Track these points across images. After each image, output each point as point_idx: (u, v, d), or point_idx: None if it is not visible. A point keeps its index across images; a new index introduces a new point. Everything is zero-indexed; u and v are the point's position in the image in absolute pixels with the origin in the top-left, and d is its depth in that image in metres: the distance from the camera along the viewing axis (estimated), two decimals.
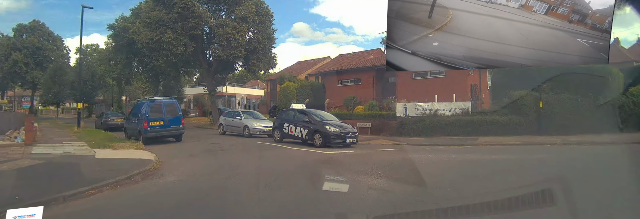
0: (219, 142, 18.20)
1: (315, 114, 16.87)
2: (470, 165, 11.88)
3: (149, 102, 18.61)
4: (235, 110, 24.60)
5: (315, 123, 16.14)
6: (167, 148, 16.54)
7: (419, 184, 8.27)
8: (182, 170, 11.08)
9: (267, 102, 49.24)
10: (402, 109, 23.11)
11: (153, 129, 18.27)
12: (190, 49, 28.98)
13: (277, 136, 17.92)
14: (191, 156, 13.88)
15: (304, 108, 18.72)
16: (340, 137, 15.52)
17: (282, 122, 17.69)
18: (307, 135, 16.20)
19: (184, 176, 10.22)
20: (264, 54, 31.46)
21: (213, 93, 33.26)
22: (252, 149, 15.39)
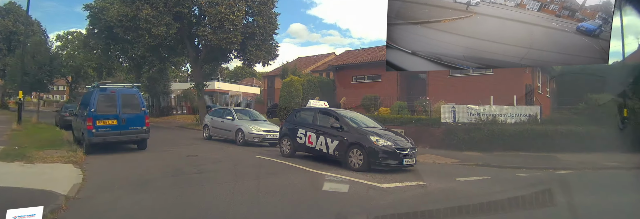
0: (199, 155, 11.80)
1: (350, 118, 10.52)
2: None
3: (97, 91, 12.16)
4: (226, 107, 18.18)
5: (352, 131, 9.87)
6: (115, 164, 10.34)
7: None
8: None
9: (263, 100, 42.95)
10: (449, 114, 16.91)
11: (101, 132, 11.90)
12: (173, 30, 22.52)
13: (287, 147, 11.57)
14: (141, 187, 7.59)
15: (327, 107, 12.39)
16: (395, 156, 9.28)
17: (294, 128, 11.35)
18: (337, 150, 9.93)
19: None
20: (263, 41, 25.11)
21: (201, 87, 26.78)
22: (248, 173, 9.00)
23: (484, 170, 11.21)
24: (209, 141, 16.41)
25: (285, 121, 12.24)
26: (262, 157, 11.41)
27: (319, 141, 10.43)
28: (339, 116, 10.43)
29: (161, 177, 8.34)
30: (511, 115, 16.70)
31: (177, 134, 20.44)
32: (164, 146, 14.26)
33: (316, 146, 10.50)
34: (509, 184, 9.10)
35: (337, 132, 10.05)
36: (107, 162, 10.67)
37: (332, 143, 10.05)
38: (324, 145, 10.25)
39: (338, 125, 10.09)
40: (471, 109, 16.89)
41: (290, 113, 12.59)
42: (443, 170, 10.70)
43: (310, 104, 12.18)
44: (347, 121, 10.20)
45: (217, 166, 9.81)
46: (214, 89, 48.74)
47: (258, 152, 12.83)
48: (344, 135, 9.87)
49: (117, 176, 8.68)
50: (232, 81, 59.60)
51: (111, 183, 7.73)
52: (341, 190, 7.61)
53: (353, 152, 9.54)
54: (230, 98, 51.30)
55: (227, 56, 27.66)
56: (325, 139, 10.23)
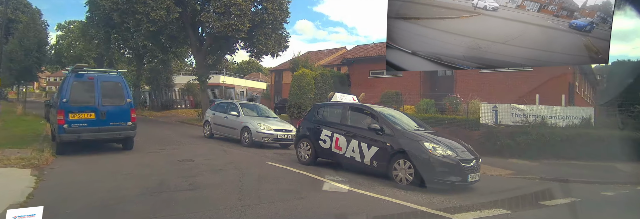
0: (196, 160, 9.26)
1: (389, 117, 7.92)
2: None
3: (72, 77, 9.66)
4: (231, 101, 15.61)
5: (397, 135, 7.30)
6: (86, 170, 8.00)
7: None
8: None
9: (270, 96, 40.41)
10: (490, 114, 14.33)
11: (74, 128, 9.45)
12: (174, 15, 19.97)
13: (306, 153, 9.02)
14: (101, 215, 4.99)
15: (359, 103, 9.88)
16: (458, 171, 6.74)
17: (317, 128, 8.79)
18: (375, 159, 7.39)
19: None
20: (273, 29, 22.53)
21: (203, 79, 24.26)
22: (259, 192, 6.38)
23: (556, 186, 8.67)
24: (210, 140, 13.88)
25: (304, 119, 9.67)
26: (274, 165, 8.85)
27: (350, 146, 7.87)
28: (378, 115, 7.85)
29: (138, 196, 5.81)
30: (562, 117, 14.12)
31: (175, 130, 17.95)
32: (156, 146, 11.78)
33: (346, 153, 7.95)
34: (611, 208, 6.59)
35: (375, 135, 7.48)
36: (77, 167, 8.21)
37: (369, 150, 7.49)
38: (357, 152, 7.69)
39: (377, 126, 7.50)
40: (516, 109, 14.29)
41: (310, 109, 9.97)
42: (508, 187, 8.14)
43: (336, 99, 9.57)
44: (390, 122, 7.63)
45: (216, 177, 7.27)
46: (218, 83, 46.35)
47: (269, 156, 10.29)
48: (386, 140, 7.31)
49: (78, 191, 6.20)
50: (237, 75, 57.01)
51: (63, 205, 5.24)
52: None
53: (399, 164, 6.98)
54: (236, 93, 48.83)
55: (232, 46, 25.07)
56: (359, 145, 7.67)
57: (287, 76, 39.66)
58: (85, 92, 9.75)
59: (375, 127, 7.49)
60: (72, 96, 9.55)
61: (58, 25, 52.82)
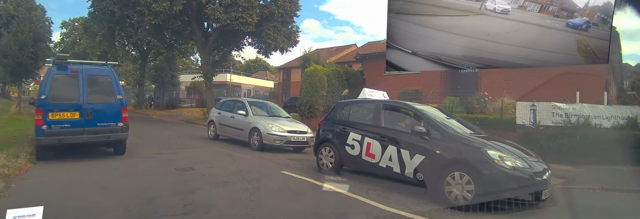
0: (196, 169, 7.70)
1: (432, 118, 6.28)
2: None
3: (54, 70, 8.18)
4: (238, 99, 14.06)
5: (449, 140, 5.73)
6: (65, 181, 6.56)
7: None
8: None
9: (278, 94, 38.92)
10: (527, 113, 12.71)
11: (55, 129, 8.00)
12: (177, 7, 18.43)
13: (328, 160, 7.46)
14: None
15: (396, 100, 8.36)
16: (530, 186, 5.17)
17: (342, 130, 7.22)
18: (420, 170, 5.83)
19: None
20: (283, 23, 20.98)
21: (209, 75, 22.75)
22: (276, 215, 4.79)
23: (623, 198, 7.14)
24: (215, 143, 12.37)
25: (326, 119, 8.07)
26: (291, 175, 7.29)
27: (386, 153, 6.30)
28: (423, 114, 6.25)
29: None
30: (607, 117, 12.47)
31: (178, 130, 16.47)
32: (154, 149, 10.28)
33: (380, 162, 6.38)
34: None
35: (420, 140, 5.90)
36: (53, 177, 6.71)
37: (412, 159, 5.91)
38: (396, 161, 6.12)
39: (423, 129, 5.90)
40: (557, 107, 12.64)
41: (333, 108, 8.31)
42: (583, 202, 6.53)
43: (365, 95, 7.91)
44: (438, 123, 6.05)
45: (220, 193, 5.72)
46: (225, 81, 44.91)
47: (282, 163, 8.75)
48: (436, 146, 5.72)
49: (47, 211, 4.66)
50: (244, 73, 55.51)
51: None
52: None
53: (454, 178, 5.41)
54: (243, 91, 47.40)
55: (239, 41, 23.56)
56: (399, 152, 6.09)
57: (296, 74, 38.14)
58: (68, 87, 8.26)
59: (420, 130, 5.90)
60: (53, 91, 8.06)
61: (62, 23, 51.66)
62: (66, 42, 44.30)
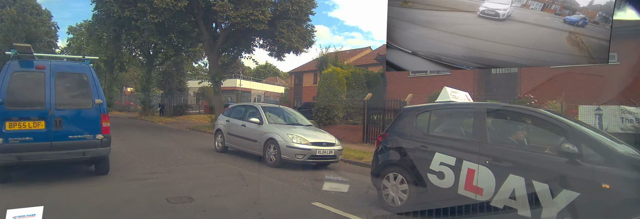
0: (195, 199, 5.58)
1: (585, 131, 4.01)
2: None
3: (15, 66, 6.18)
4: (250, 104, 11.95)
5: (618, 165, 3.42)
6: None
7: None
8: None
9: (289, 100, 36.93)
10: (591, 118, 10.62)
11: (13, 144, 5.92)
12: (182, 3, 16.48)
13: (398, 193, 5.14)
14: None
15: (515, 105, 5.95)
16: None
17: (422, 150, 4.92)
18: (574, 214, 3.49)
19: None
20: (297, 21, 18.96)
21: (217, 79, 20.75)
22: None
23: None
24: (222, 156, 10.27)
25: (389, 131, 5.81)
26: (328, 210, 5.13)
27: (503, 186, 3.98)
28: (567, 126, 4.02)
29: None
30: None
31: (181, 140, 14.43)
32: (146, 166, 8.21)
33: (493, 199, 4.05)
34: None
35: (568, 166, 3.70)
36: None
37: (555, 196, 3.65)
38: (523, 198, 3.86)
39: (574, 149, 3.68)
40: (627, 112, 10.49)
41: (399, 117, 5.96)
42: None
43: (448, 97, 5.51)
44: (593, 138, 3.84)
45: None
46: (234, 87, 43.10)
47: (310, 187, 6.60)
48: (598, 176, 3.51)
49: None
50: (254, 78, 53.65)
51: None
52: None
53: None
54: (253, 97, 45.45)
55: (250, 42, 21.59)
56: (528, 184, 3.86)
57: (308, 78, 36.16)
58: (30, 88, 6.25)
59: (571, 150, 3.70)
60: (11, 94, 6.06)
61: (69, 28, 50.28)
62: (72, 48, 42.79)
